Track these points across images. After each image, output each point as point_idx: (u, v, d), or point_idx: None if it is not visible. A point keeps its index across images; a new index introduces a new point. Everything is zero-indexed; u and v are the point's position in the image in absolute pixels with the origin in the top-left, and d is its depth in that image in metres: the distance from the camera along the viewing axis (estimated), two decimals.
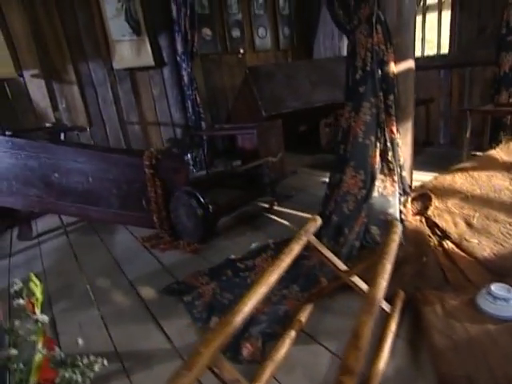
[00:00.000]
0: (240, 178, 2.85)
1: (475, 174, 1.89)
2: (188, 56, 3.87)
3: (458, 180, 1.89)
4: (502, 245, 1.66)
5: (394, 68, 1.73)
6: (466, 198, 1.84)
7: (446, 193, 1.90)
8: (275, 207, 2.77)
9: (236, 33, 4.64)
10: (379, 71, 1.74)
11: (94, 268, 2.19)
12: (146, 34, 3.71)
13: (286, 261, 1.17)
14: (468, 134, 2.94)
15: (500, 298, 1.36)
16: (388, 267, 1.15)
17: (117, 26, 3.57)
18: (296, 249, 1.24)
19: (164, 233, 2.43)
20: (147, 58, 3.78)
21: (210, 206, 2.23)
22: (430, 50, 4.17)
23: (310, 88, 3.72)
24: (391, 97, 1.74)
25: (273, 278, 1.10)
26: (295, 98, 3.62)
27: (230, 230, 2.49)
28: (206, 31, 4.36)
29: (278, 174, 3.03)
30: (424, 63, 3.98)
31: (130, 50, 3.70)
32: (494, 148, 2.69)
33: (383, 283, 1.06)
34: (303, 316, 1.47)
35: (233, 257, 2.02)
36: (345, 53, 4.84)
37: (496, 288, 1.38)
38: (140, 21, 3.66)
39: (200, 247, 2.25)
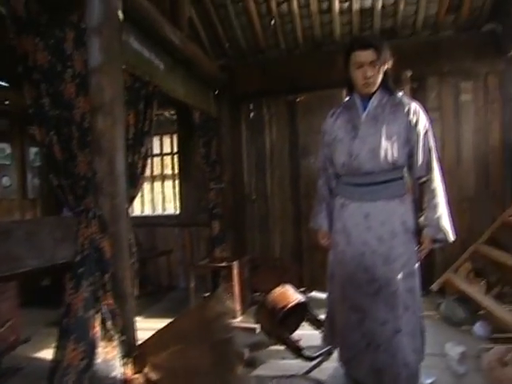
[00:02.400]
0: None
1: (180, 328, 2.38)
2: None
3: (167, 336, 2.33)
4: None
5: (107, 251, 2.15)
6: (175, 351, 2.27)
7: (159, 348, 2.29)
8: None
9: None
10: (96, 254, 2.11)
11: None
12: None
13: None
14: (193, 285, 3.63)
15: None
16: None
17: None
18: None
19: None
20: None
21: None
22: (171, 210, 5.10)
23: (54, 244, 3.78)
24: (107, 275, 2.11)
25: None
26: (36, 255, 3.58)
27: None
28: None
29: (6, 344, 2.78)
30: (164, 221, 4.81)
31: None
32: (213, 292, 3.40)
33: None
34: None
35: None
36: None
37: None
38: None
39: None
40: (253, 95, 4.41)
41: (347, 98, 2.06)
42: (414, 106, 1.92)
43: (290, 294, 2.83)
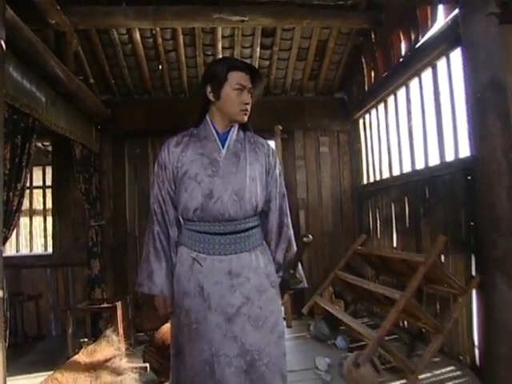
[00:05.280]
0: None
1: (66, 376, 2.22)
2: None
3: None
4: None
5: None
6: None
7: None
8: None
9: None
10: None
11: None
12: None
13: None
14: (71, 330, 3.34)
15: None
16: None
17: None
18: None
19: None
20: None
21: None
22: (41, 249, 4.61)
23: None
24: None
25: None
26: None
27: None
28: None
29: None
30: (32, 261, 4.34)
31: None
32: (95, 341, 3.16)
33: None
34: None
35: None
36: None
37: None
38: None
39: None
40: (138, 133, 4.48)
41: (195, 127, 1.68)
42: (271, 146, 1.74)
43: None
